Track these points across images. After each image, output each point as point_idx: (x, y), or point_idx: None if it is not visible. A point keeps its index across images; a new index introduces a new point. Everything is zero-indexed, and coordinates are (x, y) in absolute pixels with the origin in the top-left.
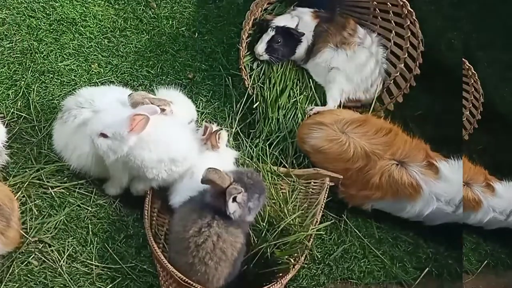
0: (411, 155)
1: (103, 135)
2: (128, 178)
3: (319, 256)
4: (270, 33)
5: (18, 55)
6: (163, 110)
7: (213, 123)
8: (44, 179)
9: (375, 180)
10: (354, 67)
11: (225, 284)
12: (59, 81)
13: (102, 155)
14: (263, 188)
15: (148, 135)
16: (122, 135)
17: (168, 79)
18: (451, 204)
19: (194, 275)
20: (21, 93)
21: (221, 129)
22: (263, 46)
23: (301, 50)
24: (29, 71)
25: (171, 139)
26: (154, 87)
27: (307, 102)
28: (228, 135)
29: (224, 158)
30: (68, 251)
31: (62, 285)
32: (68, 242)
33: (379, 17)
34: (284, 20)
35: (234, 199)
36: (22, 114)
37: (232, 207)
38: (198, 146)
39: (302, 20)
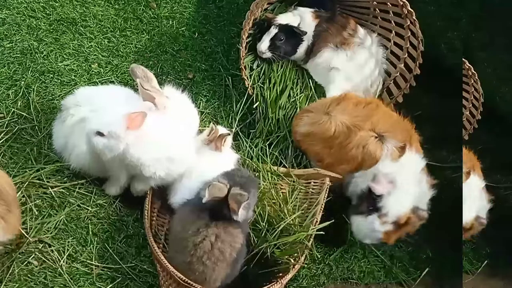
0: (391, 131)
1: (99, 134)
2: (127, 176)
3: (319, 256)
4: (273, 30)
5: (18, 55)
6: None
7: (214, 124)
8: (44, 179)
9: (353, 152)
10: (354, 67)
11: (223, 285)
12: (59, 81)
13: (99, 153)
14: (254, 181)
15: (145, 133)
16: (117, 133)
17: (168, 79)
18: (363, 178)
19: (192, 274)
20: (21, 93)
21: (228, 134)
22: (266, 44)
23: (301, 49)
24: (29, 71)
25: (168, 137)
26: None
27: (307, 102)
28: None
29: (224, 160)
30: (68, 251)
31: (62, 285)
32: (68, 242)
33: (379, 17)
34: (287, 18)
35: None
36: (22, 114)
37: (241, 214)
38: (196, 146)
39: (303, 19)
